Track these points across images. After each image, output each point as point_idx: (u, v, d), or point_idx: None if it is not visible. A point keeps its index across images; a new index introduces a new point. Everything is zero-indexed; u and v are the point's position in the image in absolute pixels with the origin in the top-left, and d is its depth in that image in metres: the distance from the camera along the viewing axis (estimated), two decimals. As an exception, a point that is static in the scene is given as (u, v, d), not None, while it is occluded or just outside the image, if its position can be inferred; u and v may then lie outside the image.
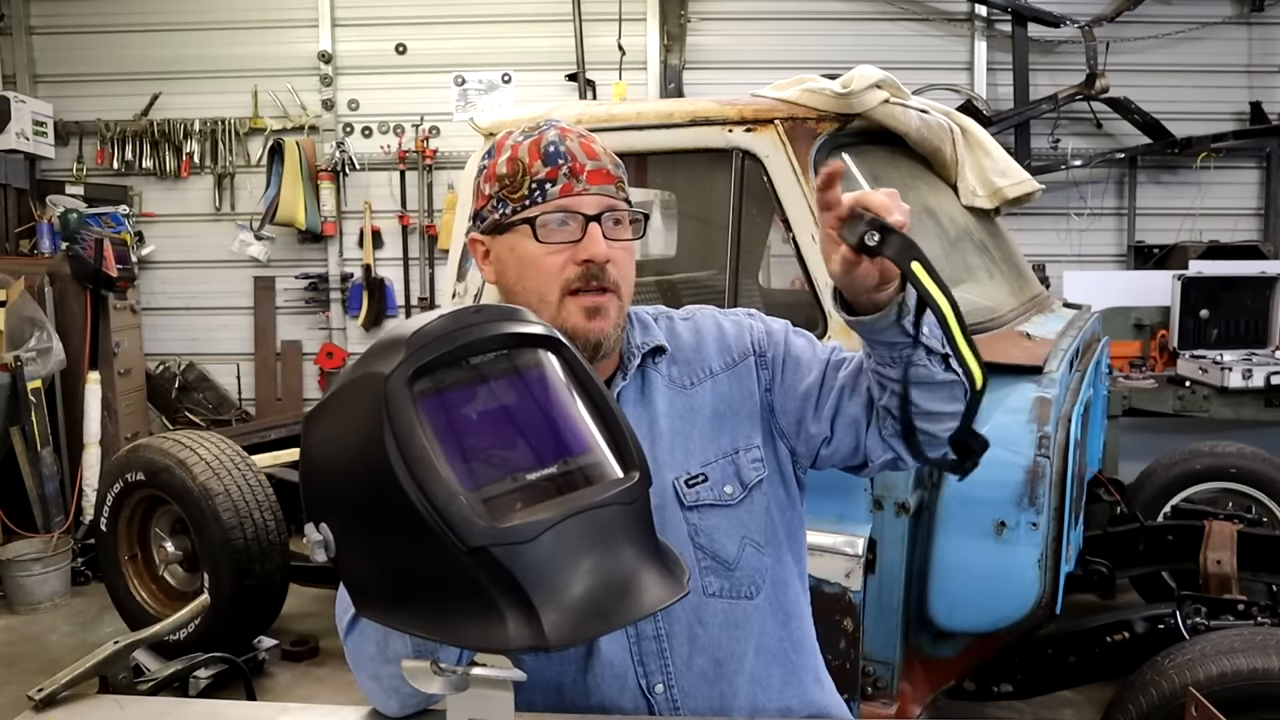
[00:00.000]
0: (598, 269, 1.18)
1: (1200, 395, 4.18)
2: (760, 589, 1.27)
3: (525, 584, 0.76)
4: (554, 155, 1.18)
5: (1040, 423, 2.22)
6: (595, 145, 1.22)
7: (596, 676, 1.20)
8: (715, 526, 1.25)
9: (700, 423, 1.29)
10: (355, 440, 0.79)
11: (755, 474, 1.28)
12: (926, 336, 1.12)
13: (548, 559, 0.77)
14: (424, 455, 0.75)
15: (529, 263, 1.20)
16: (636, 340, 1.30)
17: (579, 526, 0.79)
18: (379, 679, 1.10)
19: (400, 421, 0.76)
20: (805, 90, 2.55)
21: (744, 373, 1.32)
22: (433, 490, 0.75)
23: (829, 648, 2.13)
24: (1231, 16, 5.63)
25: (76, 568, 4.33)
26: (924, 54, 5.68)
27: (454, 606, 0.79)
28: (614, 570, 0.81)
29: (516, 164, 1.20)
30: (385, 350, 0.80)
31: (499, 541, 0.75)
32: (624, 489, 0.83)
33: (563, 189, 1.18)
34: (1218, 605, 2.47)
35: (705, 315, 1.39)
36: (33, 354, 4.52)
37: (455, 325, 0.81)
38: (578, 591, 0.78)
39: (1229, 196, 5.71)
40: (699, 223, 3.34)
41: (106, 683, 1.20)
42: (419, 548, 0.77)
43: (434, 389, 0.79)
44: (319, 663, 3.58)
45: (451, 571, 0.77)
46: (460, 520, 0.74)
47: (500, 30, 5.80)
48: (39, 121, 5.59)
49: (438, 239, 5.82)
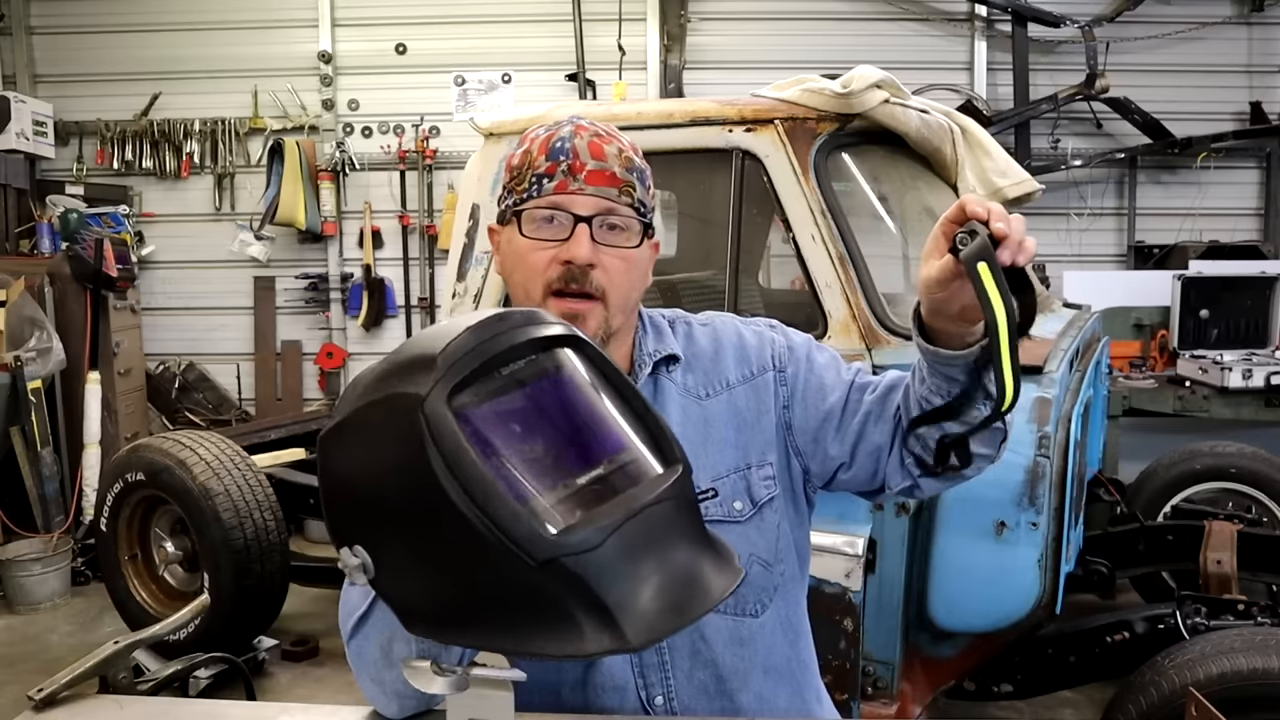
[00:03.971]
0: (579, 271, 1.15)
1: (1200, 395, 4.17)
2: (766, 607, 1.24)
3: (599, 590, 0.76)
4: (557, 151, 1.16)
5: (1040, 423, 2.22)
6: (609, 146, 1.18)
7: (596, 687, 1.19)
8: None
9: (714, 435, 1.25)
10: (394, 464, 0.77)
11: (767, 492, 1.25)
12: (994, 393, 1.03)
13: (616, 562, 0.77)
14: (479, 475, 0.74)
15: (518, 257, 1.19)
16: (649, 347, 1.27)
17: (639, 526, 0.79)
18: (381, 682, 1.09)
19: (447, 444, 0.74)
20: (805, 90, 2.55)
21: (762, 387, 1.27)
22: (493, 510, 0.74)
23: (829, 648, 2.14)
24: (1231, 16, 5.63)
25: (76, 568, 4.33)
26: (924, 54, 5.68)
27: (525, 619, 0.78)
28: (677, 565, 0.81)
29: (526, 156, 1.19)
30: (412, 369, 0.78)
31: (568, 552, 0.75)
32: (672, 483, 0.83)
33: (558, 186, 1.16)
34: (1218, 605, 2.47)
35: (725, 323, 1.34)
36: (33, 354, 4.51)
37: (483, 336, 0.80)
38: (649, 590, 0.78)
39: (1229, 196, 5.70)
40: (699, 223, 3.34)
41: (106, 683, 1.20)
42: (482, 565, 0.76)
43: (473, 403, 0.78)
44: (319, 663, 3.58)
45: (520, 586, 0.76)
46: (527, 536, 0.74)
47: (500, 30, 5.80)
48: (39, 121, 5.59)
49: (438, 239, 5.82)
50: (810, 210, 2.48)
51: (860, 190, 2.73)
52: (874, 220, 2.76)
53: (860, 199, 2.71)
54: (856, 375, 1.28)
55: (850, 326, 2.46)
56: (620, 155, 1.18)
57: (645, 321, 1.30)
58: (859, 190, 2.73)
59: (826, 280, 2.49)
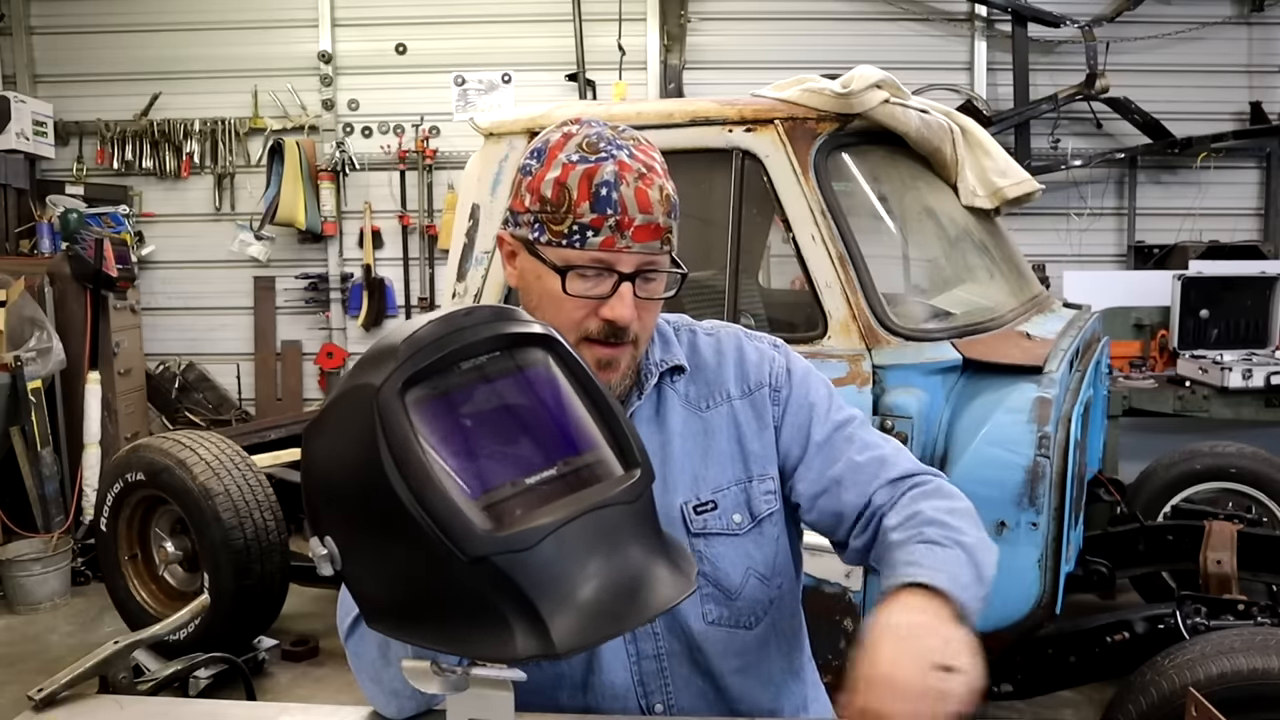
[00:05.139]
0: (620, 328, 1.12)
1: (1200, 395, 4.17)
2: (761, 620, 1.24)
3: (530, 592, 0.75)
4: (604, 201, 1.08)
5: (1040, 423, 2.22)
6: (652, 190, 1.10)
7: (596, 696, 1.19)
8: (721, 555, 1.21)
9: (714, 447, 1.23)
10: (352, 454, 0.78)
11: (767, 506, 1.23)
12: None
13: (552, 564, 0.76)
14: (420, 467, 0.74)
15: (551, 299, 1.13)
16: (655, 357, 1.24)
17: (582, 529, 0.77)
18: (380, 681, 1.09)
19: (394, 433, 0.75)
20: (805, 90, 2.56)
21: (759, 402, 1.25)
22: (430, 502, 0.74)
23: (829, 648, 2.14)
24: (1231, 16, 5.63)
25: (76, 568, 4.33)
26: (924, 54, 5.67)
27: (461, 618, 0.78)
28: (621, 571, 0.79)
29: (563, 193, 1.09)
30: (376, 360, 0.79)
31: (500, 550, 0.74)
32: (625, 487, 0.82)
33: (604, 242, 1.09)
34: (1218, 605, 2.47)
35: (729, 335, 1.31)
36: (33, 354, 4.51)
37: (446, 330, 0.80)
38: (585, 595, 0.77)
39: (1229, 196, 5.70)
40: (699, 223, 3.34)
41: (106, 683, 1.20)
42: (422, 560, 0.76)
43: (427, 397, 0.78)
44: (319, 663, 3.58)
45: (456, 583, 0.76)
46: (460, 531, 0.73)
47: (500, 30, 5.80)
48: (39, 121, 5.59)
49: (438, 239, 5.82)
50: (810, 210, 2.48)
51: (860, 190, 2.74)
52: (874, 220, 2.76)
53: (860, 199, 2.71)
54: (850, 424, 1.26)
55: (850, 326, 2.46)
56: (663, 199, 1.12)
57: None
58: (859, 190, 2.73)
59: (826, 280, 2.49)
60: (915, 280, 2.87)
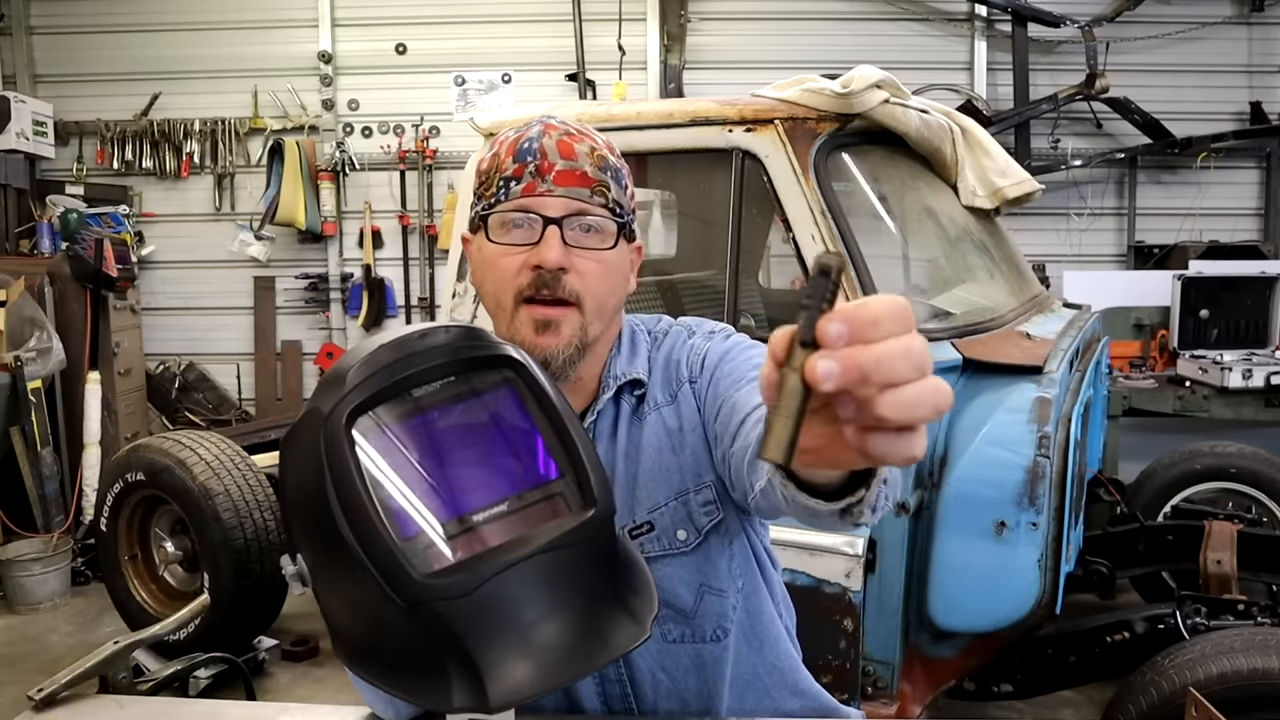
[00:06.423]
0: (550, 277, 1.07)
1: (1200, 395, 4.17)
2: (728, 630, 1.18)
3: (466, 641, 0.71)
4: (524, 153, 1.09)
5: (1040, 423, 2.22)
6: (579, 144, 1.10)
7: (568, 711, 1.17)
8: (669, 576, 1.14)
9: (645, 462, 1.15)
10: (309, 480, 0.74)
11: (709, 518, 1.14)
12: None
13: (489, 611, 0.71)
14: (359, 504, 0.70)
15: (488, 264, 1.12)
16: (618, 368, 1.18)
17: (528, 572, 0.72)
18: (376, 688, 1.09)
19: (338, 466, 0.71)
20: (805, 90, 2.55)
21: (684, 401, 1.17)
22: (369, 541, 0.69)
23: (829, 648, 2.14)
24: (1231, 16, 5.63)
25: (76, 568, 4.33)
26: (924, 54, 5.68)
27: (403, 661, 0.74)
28: (567, 619, 0.74)
29: (494, 160, 1.12)
30: (329, 384, 0.75)
31: (435, 597, 0.69)
32: (573, 528, 0.75)
33: (525, 188, 1.08)
34: (1218, 605, 2.47)
35: (675, 333, 1.24)
36: (33, 354, 4.51)
37: (397, 355, 0.75)
38: (526, 646, 0.72)
39: (1229, 196, 5.70)
40: (699, 223, 3.34)
41: (106, 683, 1.20)
42: (365, 598, 0.72)
43: (375, 426, 0.74)
44: (319, 663, 3.58)
45: (393, 626, 0.72)
46: (396, 576, 0.69)
47: (500, 30, 5.80)
48: (39, 121, 5.59)
49: (438, 239, 5.82)
50: (810, 210, 2.48)
51: (860, 190, 2.73)
52: (874, 220, 2.75)
53: (860, 199, 2.71)
54: (752, 350, 1.16)
55: (850, 326, 2.45)
56: (592, 154, 1.11)
57: (623, 339, 1.21)
58: (859, 190, 2.73)
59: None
60: (915, 280, 2.86)
